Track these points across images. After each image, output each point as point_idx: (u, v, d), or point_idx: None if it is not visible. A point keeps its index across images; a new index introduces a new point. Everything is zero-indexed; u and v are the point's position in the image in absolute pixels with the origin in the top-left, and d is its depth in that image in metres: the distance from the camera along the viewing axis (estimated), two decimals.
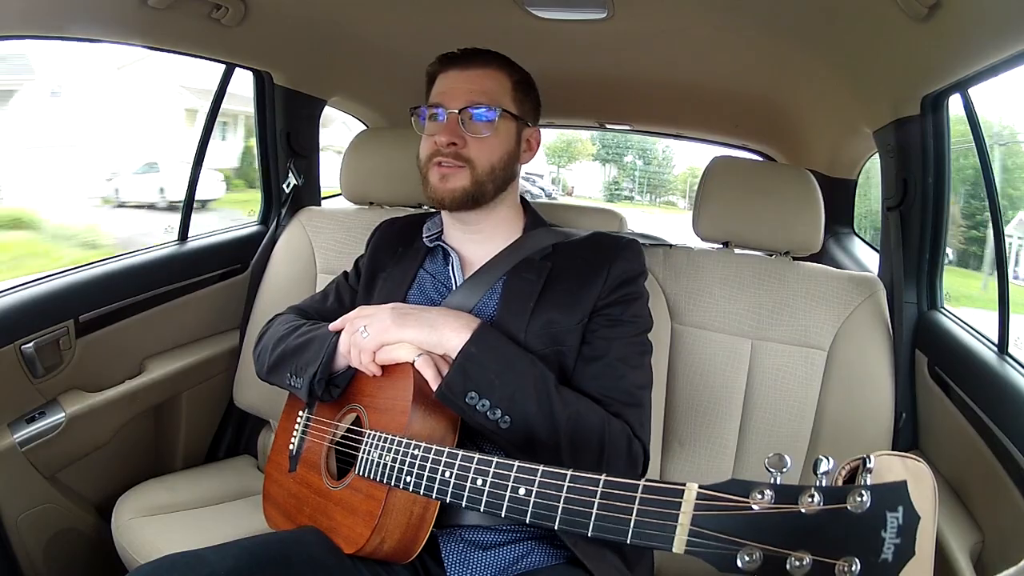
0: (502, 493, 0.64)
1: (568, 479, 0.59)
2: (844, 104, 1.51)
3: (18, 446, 1.12)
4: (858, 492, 0.43)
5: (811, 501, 0.44)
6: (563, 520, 0.59)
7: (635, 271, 0.95)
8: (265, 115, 1.57)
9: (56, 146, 5.02)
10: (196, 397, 1.42)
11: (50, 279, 1.20)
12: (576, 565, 0.82)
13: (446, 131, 0.91)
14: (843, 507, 0.43)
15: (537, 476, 0.62)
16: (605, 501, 0.56)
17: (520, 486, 0.63)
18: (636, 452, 0.86)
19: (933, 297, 1.23)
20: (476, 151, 0.92)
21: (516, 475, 0.63)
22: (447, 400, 0.78)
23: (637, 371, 0.91)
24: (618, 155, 10.46)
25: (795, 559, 0.43)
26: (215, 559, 0.70)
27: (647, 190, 9.93)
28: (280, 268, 1.46)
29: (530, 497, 0.61)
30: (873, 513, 0.42)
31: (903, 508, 0.42)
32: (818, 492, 0.44)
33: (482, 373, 0.79)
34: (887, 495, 0.43)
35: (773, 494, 0.46)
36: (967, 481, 1.03)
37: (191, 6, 1.16)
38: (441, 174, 0.92)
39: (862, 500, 0.43)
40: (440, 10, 1.43)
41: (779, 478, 0.47)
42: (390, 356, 0.83)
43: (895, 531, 0.42)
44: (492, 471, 0.66)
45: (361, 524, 0.78)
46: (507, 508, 0.63)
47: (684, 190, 9.19)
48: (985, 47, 0.95)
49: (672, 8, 1.33)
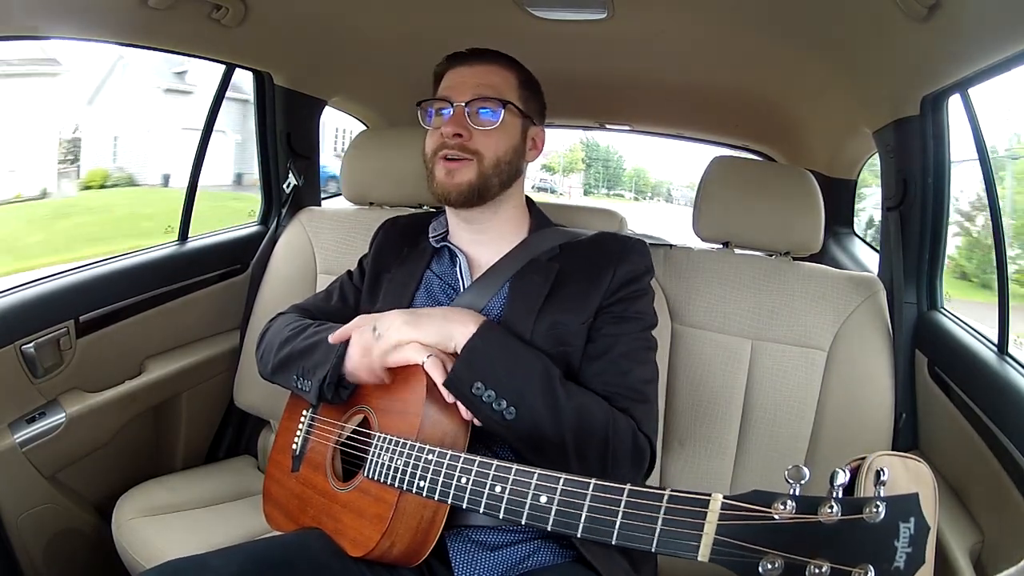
0: (522, 501, 0.64)
1: (592, 487, 0.59)
2: (844, 104, 1.52)
3: (18, 446, 1.12)
4: (874, 503, 0.45)
5: (830, 511, 0.46)
6: (586, 528, 0.59)
7: (641, 270, 0.95)
8: (265, 115, 1.57)
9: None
10: (196, 397, 1.42)
11: (50, 279, 1.20)
12: (582, 564, 0.82)
13: (453, 123, 0.91)
14: (860, 517, 0.45)
15: (559, 484, 0.62)
16: (630, 510, 0.56)
17: (542, 494, 0.63)
18: (642, 446, 0.86)
19: (933, 297, 1.23)
20: (483, 143, 0.92)
21: (537, 483, 0.63)
22: (454, 389, 0.78)
23: (643, 367, 0.91)
24: (589, 162, 14.76)
25: (814, 567, 0.45)
26: (219, 564, 0.70)
27: (605, 186, 14.05)
28: (280, 268, 1.46)
29: (552, 505, 0.61)
30: (887, 523, 0.45)
31: (915, 519, 0.45)
32: (836, 503, 0.46)
33: (488, 364, 0.79)
34: (900, 506, 0.45)
35: (794, 504, 0.48)
36: (967, 481, 1.03)
37: (191, 6, 1.16)
38: (447, 169, 0.92)
39: (877, 511, 0.45)
40: (440, 11, 1.43)
41: (798, 489, 0.49)
42: (400, 357, 0.83)
43: (907, 540, 0.44)
44: (512, 478, 0.65)
45: (370, 527, 0.78)
46: (528, 516, 0.63)
47: (630, 185, 13.28)
48: (985, 47, 0.95)
49: (672, 8, 1.33)
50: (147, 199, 3.80)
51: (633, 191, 12.32)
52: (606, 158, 13.69)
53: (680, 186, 12.10)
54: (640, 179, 13.25)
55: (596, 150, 13.64)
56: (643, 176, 13.26)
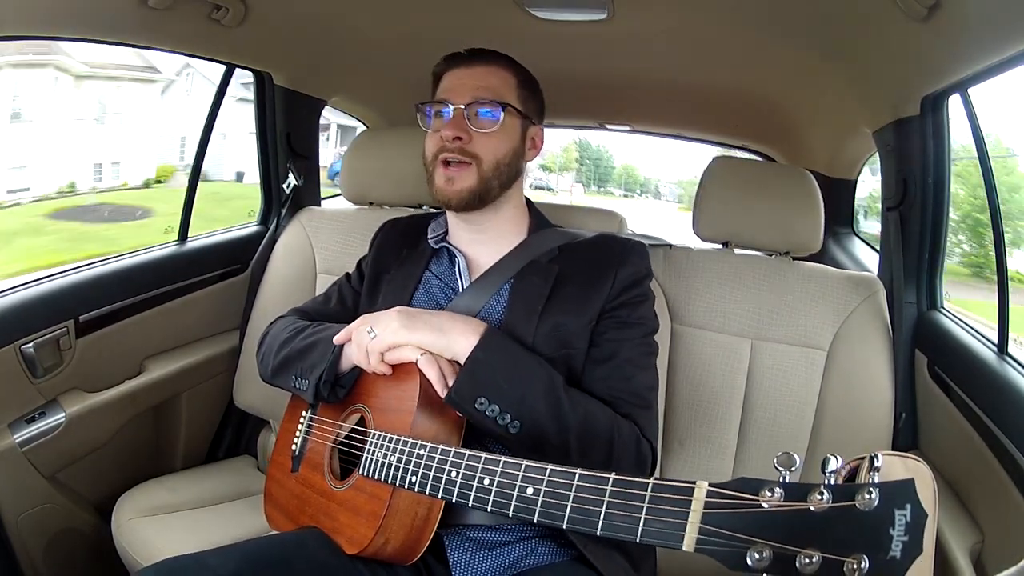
0: (510, 493, 0.64)
1: (577, 478, 0.59)
2: (844, 104, 1.51)
3: (18, 446, 1.12)
4: (866, 490, 0.43)
5: (820, 499, 0.44)
6: (571, 519, 0.58)
7: (642, 273, 0.95)
8: (265, 115, 1.57)
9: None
10: (196, 397, 1.42)
11: (50, 279, 1.20)
12: (581, 562, 0.82)
13: (452, 126, 0.91)
14: (852, 505, 0.43)
15: (545, 476, 0.62)
16: (614, 500, 0.56)
17: (528, 485, 0.62)
18: (644, 453, 0.86)
19: (933, 297, 1.23)
20: (482, 146, 0.92)
21: (524, 474, 0.63)
22: (456, 405, 0.78)
23: (645, 372, 0.91)
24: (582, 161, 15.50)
25: (804, 557, 0.43)
26: (216, 563, 0.70)
27: (596, 183, 14.68)
28: (280, 268, 1.46)
29: (538, 496, 0.61)
30: (881, 511, 0.42)
31: (911, 505, 0.42)
32: (827, 490, 0.45)
33: (491, 378, 0.78)
34: (895, 492, 0.43)
35: (782, 492, 0.46)
36: (967, 481, 1.03)
37: (191, 6, 1.16)
38: (447, 176, 0.92)
39: (870, 498, 0.43)
40: (440, 11, 1.43)
41: (787, 476, 0.48)
42: (395, 356, 0.83)
43: (903, 528, 0.42)
44: (499, 471, 0.65)
45: (365, 525, 0.78)
46: (515, 508, 0.63)
47: (620, 182, 14.18)
48: (985, 47, 0.95)
49: (672, 8, 1.33)
50: (228, 190, 4.18)
51: (623, 188, 12.53)
52: (597, 156, 14.28)
53: (667, 183, 12.71)
54: (629, 176, 13.50)
55: (588, 149, 14.16)
56: (632, 173, 13.59)
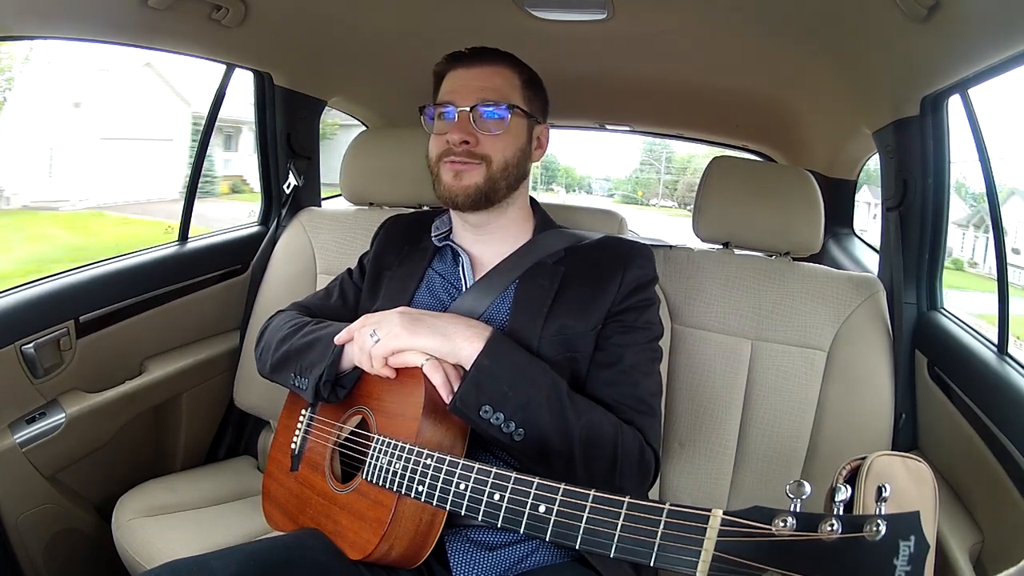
0: (521, 510, 0.63)
1: (591, 499, 0.59)
2: (844, 104, 1.52)
3: (18, 446, 1.12)
4: (875, 522, 0.44)
5: (830, 529, 0.46)
6: (584, 540, 0.58)
7: (647, 277, 0.94)
8: (265, 116, 1.57)
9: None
10: (196, 398, 1.42)
11: (50, 279, 1.20)
12: (582, 564, 0.82)
13: (458, 129, 0.90)
14: (860, 536, 0.45)
15: (558, 495, 0.61)
16: (629, 523, 0.56)
17: (540, 504, 0.62)
18: (648, 460, 0.85)
19: (933, 298, 1.23)
20: (490, 148, 0.91)
21: (536, 492, 0.63)
22: (460, 413, 0.77)
23: (650, 378, 0.90)
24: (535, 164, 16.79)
25: None
26: (218, 565, 0.70)
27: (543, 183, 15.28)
28: (280, 269, 1.46)
29: (551, 516, 0.61)
30: (887, 541, 0.44)
31: (915, 537, 0.44)
32: (837, 520, 0.46)
33: (496, 386, 0.77)
34: (901, 524, 0.45)
35: (795, 522, 0.47)
36: (967, 481, 1.03)
37: (191, 7, 1.16)
38: (455, 171, 0.90)
39: (878, 529, 0.44)
40: (440, 11, 1.42)
41: (799, 505, 0.49)
42: (398, 361, 0.82)
43: (906, 559, 0.44)
44: (511, 487, 0.64)
45: (368, 531, 0.77)
46: (527, 525, 0.62)
47: (562, 181, 14.81)
48: (985, 47, 0.95)
49: (672, 8, 1.33)
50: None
51: (563, 185, 13.57)
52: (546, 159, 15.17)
53: (598, 179, 13.86)
54: (569, 175, 14.21)
55: None
56: (571, 173, 14.48)
